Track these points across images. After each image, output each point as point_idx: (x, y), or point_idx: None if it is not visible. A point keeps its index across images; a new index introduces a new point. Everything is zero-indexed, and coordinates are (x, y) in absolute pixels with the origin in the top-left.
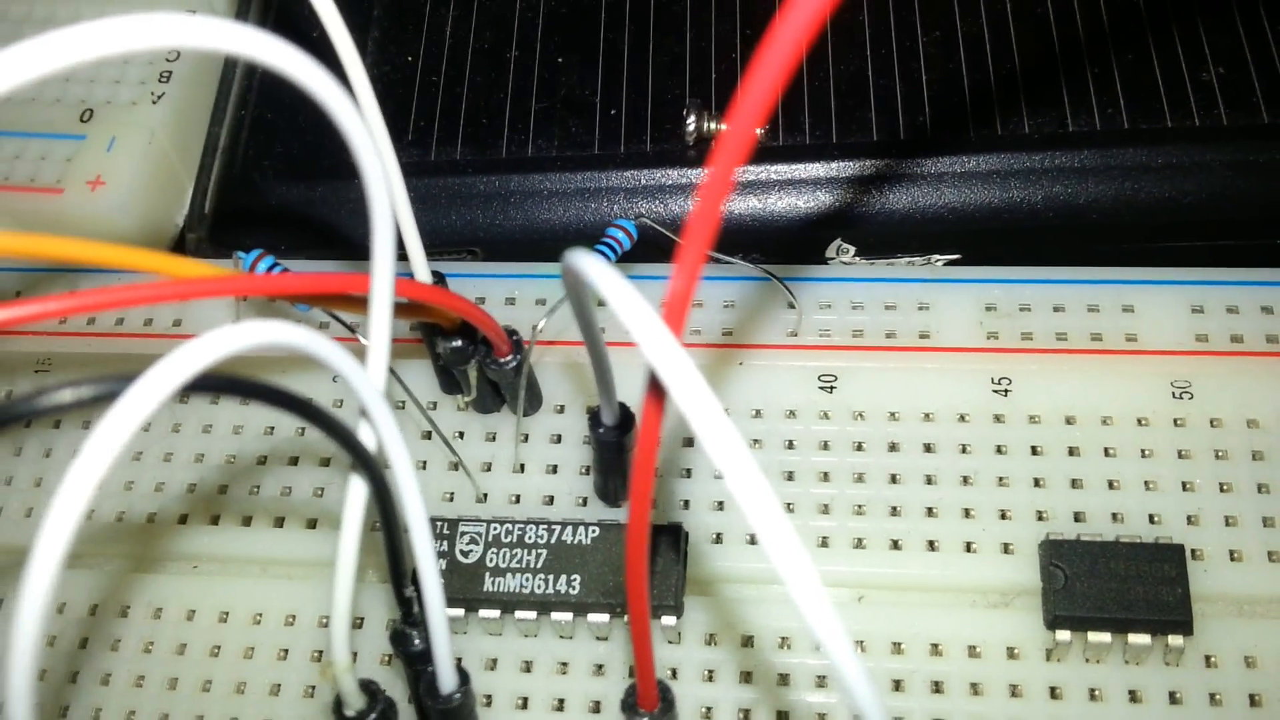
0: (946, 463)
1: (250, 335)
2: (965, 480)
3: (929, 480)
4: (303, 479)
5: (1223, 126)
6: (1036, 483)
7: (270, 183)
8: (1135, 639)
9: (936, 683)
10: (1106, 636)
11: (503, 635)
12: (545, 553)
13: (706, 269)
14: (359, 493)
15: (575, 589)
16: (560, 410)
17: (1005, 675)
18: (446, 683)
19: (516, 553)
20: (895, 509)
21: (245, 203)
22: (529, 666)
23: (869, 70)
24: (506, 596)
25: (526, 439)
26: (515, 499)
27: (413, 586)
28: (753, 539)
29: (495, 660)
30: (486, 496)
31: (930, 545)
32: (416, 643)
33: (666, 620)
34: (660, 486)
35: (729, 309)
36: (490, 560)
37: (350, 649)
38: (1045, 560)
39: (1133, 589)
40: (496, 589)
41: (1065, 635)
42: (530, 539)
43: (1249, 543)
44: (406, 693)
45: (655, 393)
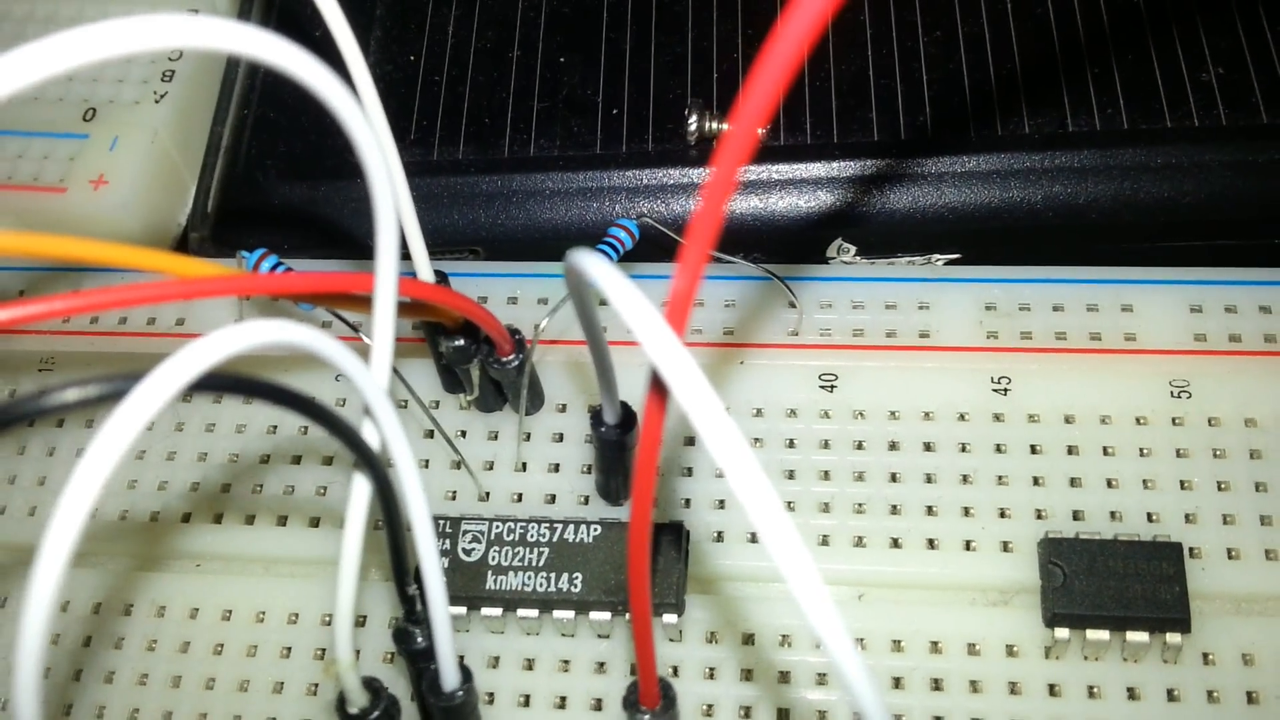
0: (946, 461)
1: (257, 334)
2: (965, 479)
3: (929, 479)
4: (305, 478)
5: (1222, 127)
6: (1036, 481)
7: (273, 182)
8: (1133, 636)
9: (936, 680)
10: (1105, 634)
11: (505, 633)
12: (547, 551)
13: (708, 268)
14: (362, 490)
15: (577, 587)
16: (562, 409)
17: (1004, 673)
18: (449, 680)
19: (519, 551)
20: (895, 507)
21: (248, 202)
22: (531, 664)
23: (870, 70)
24: (509, 595)
25: (529, 438)
26: (517, 498)
27: (415, 584)
28: (754, 537)
29: (497, 658)
30: (489, 495)
31: (930, 543)
32: (419, 640)
33: (668, 618)
34: (662, 485)
35: (730, 308)
36: (492, 559)
37: (353, 647)
38: (1044, 558)
39: (1131, 587)
40: (499, 587)
41: (1064, 633)
42: (532, 537)
43: (1247, 541)
44: (409, 690)
45: (657, 391)
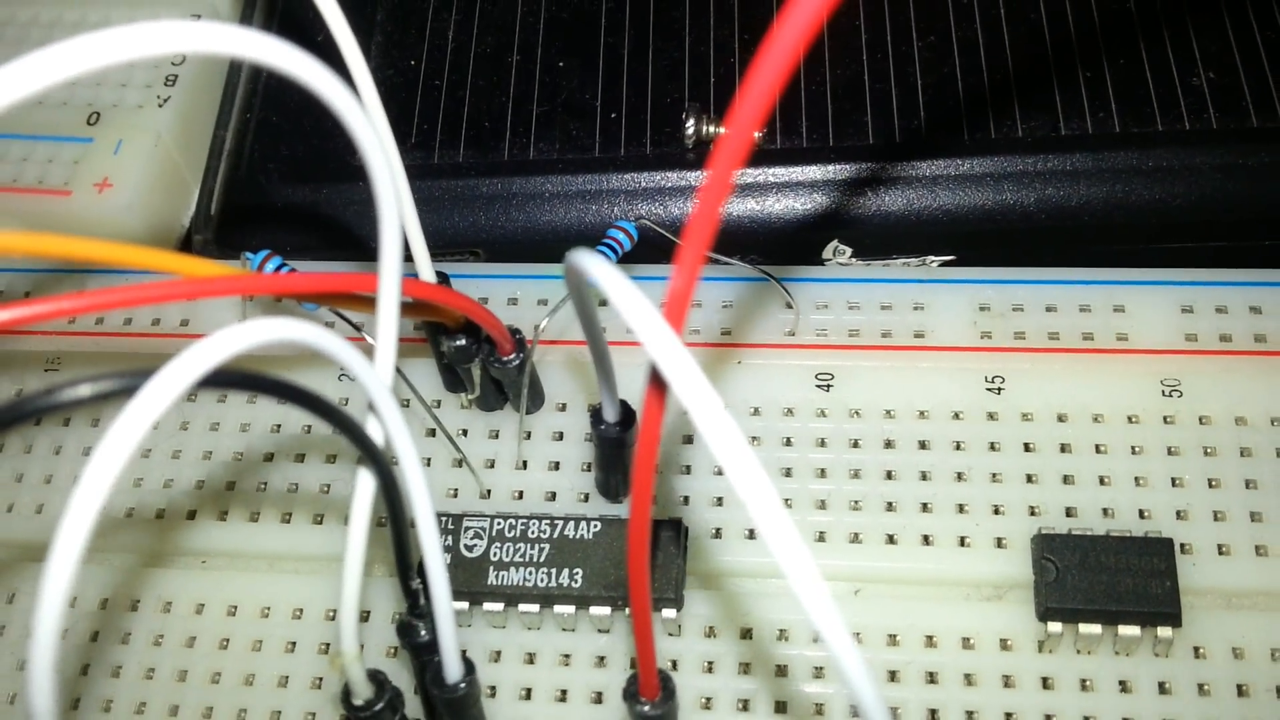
0: (941, 459)
1: (265, 331)
2: (959, 476)
3: (924, 476)
4: (309, 475)
5: (1212, 130)
6: (1029, 478)
7: (275, 185)
8: (1125, 630)
9: (931, 673)
10: (1097, 628)
11: (506, 628)
12: (548, 547)
13: (705, 270)
14: (367, 486)
15: (578, 582)
16: (562, 408)
17: (998, 666)
18: (452, 672)
19: (520, 547)
20: (891, 504)
21: (250, 204)
22: (532, 658)
23: (865, 74)
24: (510, 590)
25: (529, 436)
26: (518, 495)
27: (419, 579)
28: (751, 533)
29: (499, 652)
30: (490, 492)
31: (925, 540)
32: (423, 634)
33: (667, 613)
34: (661, 482)
35: (727, 309)
36: (494, 555)
37: (359, 639)
38: (1037, 554)
39: (1123, 582)
40: (500, 582)
41: (1057, 627)
42: (533, 534)
43: (1237, 537)
44: (413, 683)
45: (656, 389)
